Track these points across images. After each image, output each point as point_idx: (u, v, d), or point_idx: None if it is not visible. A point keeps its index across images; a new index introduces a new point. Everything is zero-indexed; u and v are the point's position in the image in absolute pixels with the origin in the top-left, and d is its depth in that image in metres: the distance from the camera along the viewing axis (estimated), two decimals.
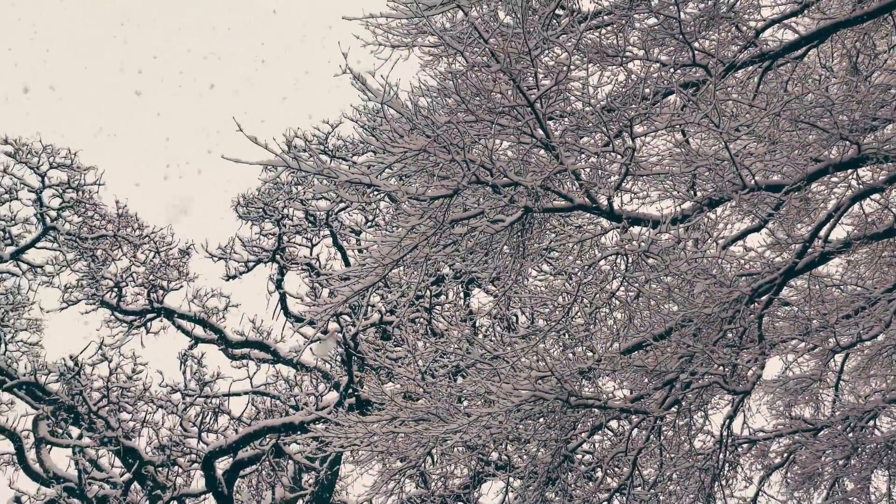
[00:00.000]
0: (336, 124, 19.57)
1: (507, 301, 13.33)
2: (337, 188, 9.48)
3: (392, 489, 10.82)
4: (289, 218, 19.30)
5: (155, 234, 19.37)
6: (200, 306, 19.19)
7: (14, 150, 17.89)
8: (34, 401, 17.87)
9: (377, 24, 9.83)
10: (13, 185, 18.10)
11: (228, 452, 17.42)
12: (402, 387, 12.50)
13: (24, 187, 18.19)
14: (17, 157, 17.99)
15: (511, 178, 8.24)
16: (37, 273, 18.68)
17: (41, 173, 18.16)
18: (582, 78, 8.86)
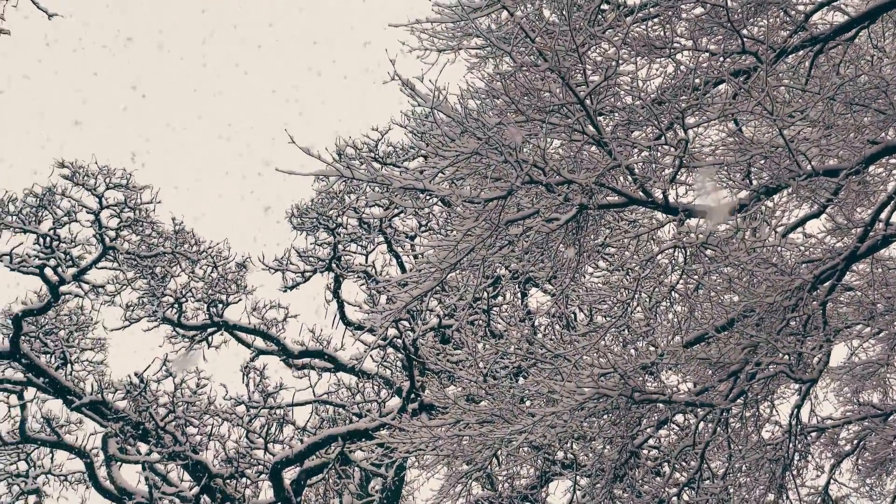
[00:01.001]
0: (385, 131, 19.64)
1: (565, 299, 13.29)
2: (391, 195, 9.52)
3: (459, 492, 10.83)
4: (343, 226, 19.39)
5: (212, 248, 19.56)
6: (260, 318, 19.37)
7: (71, 172, 18.15)
8: (102, 419, 18.12)
9: (422, 29, 9.86)
10: (72, 208, 18.36)
11: (295, 462, 17.55)
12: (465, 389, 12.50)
13: (83, 209, 18.45)
14: (74, 180, 18.25)
15: (564, 177, 8.22)
16: (99, 293, 18.94)
17: (98, 194, 18.40)
18: (631, 72, 8.82)
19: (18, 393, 18.85)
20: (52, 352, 18.80)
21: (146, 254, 18.92)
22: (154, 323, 19.17)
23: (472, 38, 9.98)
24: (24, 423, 18.73)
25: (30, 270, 17.86)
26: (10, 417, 19.10)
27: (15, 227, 17.79)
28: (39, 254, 17.95)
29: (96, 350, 19.51)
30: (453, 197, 8.78)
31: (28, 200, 18.05)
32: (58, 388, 18.22)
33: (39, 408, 19.03)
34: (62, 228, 18.30)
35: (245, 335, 19.57)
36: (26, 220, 17.97)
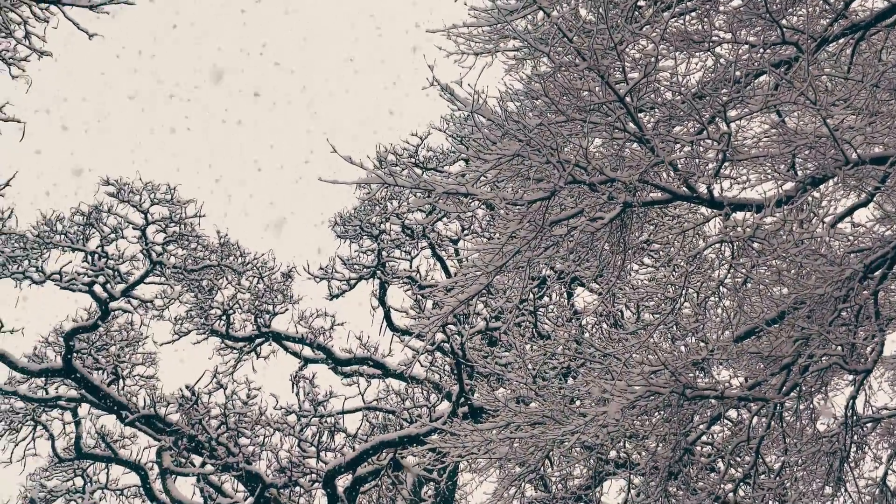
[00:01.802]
0: (425, 136, 19.69)
1: (611, 297, 13.24)
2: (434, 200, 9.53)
3: (513, 495, 10.82)
4: (386, 233, 19.44)
5: (257, 260, 19.68)
6: (307, 327, 19.46)
7: (116, 189, 18.34)
8: (155, 433, 18.29)
9: (458, 34, 9.87)
10: (118, 224, 18.55)
11: (348, 469, 17.61)
12: (514, 391, 12.49)
13: (129, 225, 18.63)
14: (120, 197, 18.44)
15: (607, 175, 8.19)
16: (148, 308, 19.12)
17: (144, 210, 18.58)
18: (670, 67, 8.77)
19: (73, 410, 19.09)
20: (103, 368, 18.99)
21: (193, 267, 19.07)
22: (203, 336, 19.32)
23: (509, 41, 9.98)
24: (79, 439, 18.96)
25: (79, 288, 18.07)
26: (65, 434, 19.35)
27: (63, 246, 18.00)
28: (88, 271, 18.14)
29: (147, 364, 19.70)
30: (496, 200, 8.77)
31: (75, 219, 18.26)
32: (111, 403, 18.41)
33: (94, 424, 19.29)
34: (109, 245, 18.49)
35: (293, 345, 19.68)
36: (74, 238, 18.18)
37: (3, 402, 18.86)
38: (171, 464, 18.10)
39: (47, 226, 17.97)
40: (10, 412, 18.91)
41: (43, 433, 19.14)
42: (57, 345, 18.73)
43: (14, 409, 18.96)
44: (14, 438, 18.85)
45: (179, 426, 17.89)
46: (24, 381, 18.78)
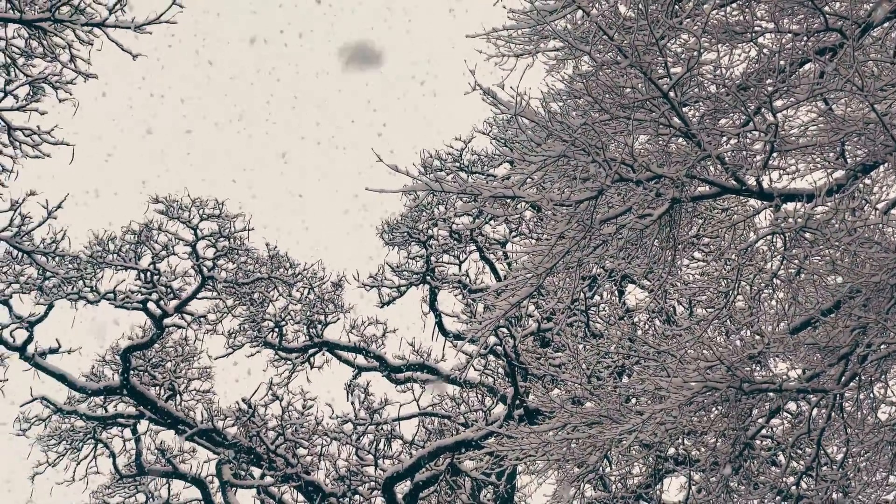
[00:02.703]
0: (468, 139, 19.71)
1: (663, 294, 13.17)
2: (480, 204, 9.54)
3: (573, 495, 10.79)
4: (434, 238, 19.48)
5: (307, 270, 19.78)
6: (359, 336, 19.53)
7: (165, 206, 18.52)
8: (214, 446, 18.45)
9: (498, 36, 9.88)
10: (169, 241, 18.73)
11: (406, 476, 17.66)
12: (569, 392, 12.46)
13: (179, 242, 18.80)
14: (169, 214, 18.62)
15: (654, 172, 8.16)
16: (201, 323, 19.27)
17: (193, 226, 18.74)
18: (713, 60, 8.72)
19: (132, 426, 19.30)
20: (160, 384, 19.20)
21: (244, 281, 19.20)
22: (256, 348, 19.45)
23: (549, 41, 9.97)
24: (139, 455, 19.16)
25: (133, 306, 18.26)
26: (125, 451, 19.57)
27: (116, 266, 18.21)
28: (141, 289, 18.33)
29: (203, 379, 19.87)
30: (543, 201, 8.76)
31: (126, 238, 18.45)
32: (169, 419, 18.60)
33: (153, 440, 19.48)
34: (161, 262, 18.66)
35: (346, 353, 19.76)
36: (126, 257, 18.38)
37: (64, 421, 19.10)
38: (230, 477, 18.25)
39: (100, 246, 18.18)
40: (71, 431, 19.16)
41: (104, 451, 19.37)
42: (114, 363, 18.95)
43: (75, 428, 19.20)
44: (76, 457, 19.10)
45: (237, 439, 18.03)
46: (83, 400, 19.03)
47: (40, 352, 17.75)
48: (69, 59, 13.12)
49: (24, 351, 17.50)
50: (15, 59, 12.99)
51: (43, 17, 12.29)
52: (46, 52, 13.16)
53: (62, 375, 18.12)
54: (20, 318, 17.30)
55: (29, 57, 13.15)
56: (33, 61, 13.21)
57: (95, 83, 13.18)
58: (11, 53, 12.97)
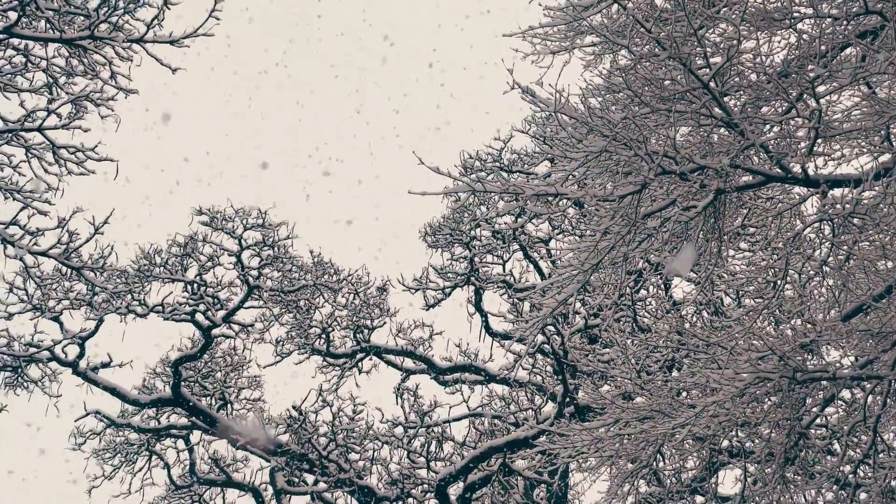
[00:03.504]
0: (507, 139, 19.69)
1: (710, 285, 13.08)
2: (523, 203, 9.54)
3: (627, 491, 10.74)
4: (477, 239, 19.47)
5: (351, 276, 19.84)
6: (406, 339, 19.57)
7: (209, 218, 18.65)
8: (267, 454, 18.56)
9: (534, 34, 9.87)
10: (214, 253, 18.86)
11: (458, 477, 17.67)
12: (619, 388, 12.40)
13: (224, 252, 18.93)
14: (213, 225, 18.75)
15: (697, 163, 8.11)
16: (249, 332, 19.40)
17: (237, 236, 18.86)
18: (752, 48, 8.65)
19: (185, 437, 19.48)
20: (211, 394, 19.35)
21: (289, 289, 19.30)
22: (304, 355, 19.54)
23: (585, 37, 9.94)
24: (193, 465, 19.33)
25: (182, 318, 18.41)
26: (179, 462, 19.74)
27: (163, 278, 18.37)
28: (189, 301, 18.48)
29: (253, 388, 20.01)
30: (586, 197, 8.74)
31: (172, 250, 18.61)
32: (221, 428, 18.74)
33: (206, 449, 19.64)
34: (207, 273, 18.80)
35: (393, 357, 19.81)
36: (173, 269, 18.54)
37: (119, 434, 19.31)
38: (284, 484, 18.35)
39: (146, 259, 18.35)
40: (125, 444, 19.37)
41: (158, 462, 19.56)
42: (165, 375, 19.13)
43: (129, 440, 19.41)
44: (131, 469, 19.30)
45: (289, 446, 18.13)
46: (136, 413, 19.23)
47: (92, 366, 17.95)
48: (110, 76, 13.27)
49: (77, 366, 17.70)
50: (56, 79, 13.14)
51: (83, 36, 12.42)
52: (87, 70, 13.30)
53: (114, 389, 18.31)
54: (71, 334, 17.50)
55: (70, 75, 13.30)
56: (74, 79, 13.36)
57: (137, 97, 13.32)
58: (53, 73, 13.13)
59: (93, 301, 17.36)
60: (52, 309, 17.02)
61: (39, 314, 16.75)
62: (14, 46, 12.83)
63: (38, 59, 12.99)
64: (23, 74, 12.79)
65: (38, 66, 13.02)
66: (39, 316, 16.80)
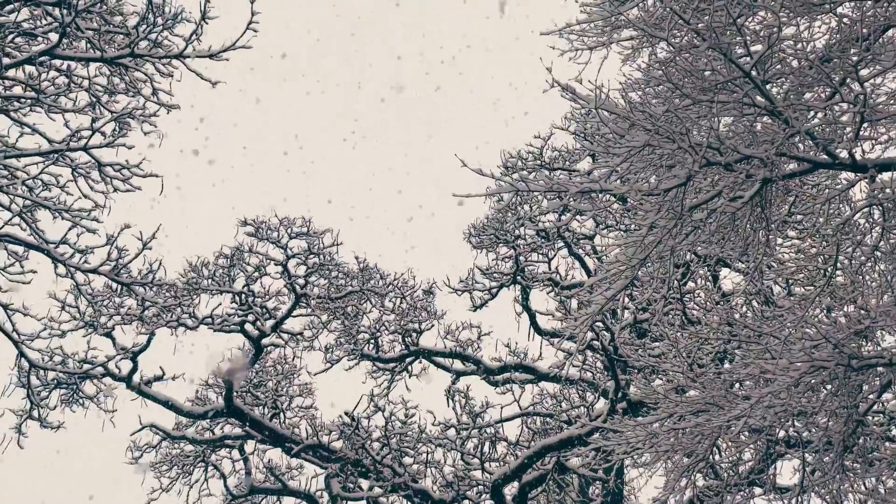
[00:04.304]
0: (548, 136, 19.65)
1: (759, 275, 12.97)
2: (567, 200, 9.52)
3: (685, 486, 10.67)
4: (521, 238, 19.44)
5: (397, 280, 19.88)
6: (454, 341, 19.57)
7: (254, 228, 18.77)
8: (321, 461, 18.64)
9: (571, 31, 9.84)
10: (260, 263, 18.98)
11: (513, 478, 17.65)
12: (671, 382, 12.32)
13: (271, 262, 19.03)
14: (258, 235, 18.87)
15: (742, 153, 8.06)
16: (298, 340, 19.50)
17: (283, 246, 18.96)
18: (793, 35, 8.57)
19: (239, 447, 19.60)
20: (263, 403, 19.47)
21: (336, 295, 19.37)
22: (354, 361, 19.61)
23: (622, 31, 9.90)
24: (248, 475, 19.45)
25: (231, 329, 18.54)
26: (235, 472, 19.87)
27: (212, 290, 18.51)
28: (238, 311, 18.60)
29: (304, 395, 20.09)
30: (631, 193, 8.70)
31: (219, 262, 18.74)
32: (275, 437, 18.84)
33: (261, 458, 19.76)
34: (254, 284, 18.91)
35: (443, 359, 19.81)
36: (220, 281, 18.67)
37: (174, 446, 19.48)
38: (340, 490, 18.41)
39: (194, 272, 18.50)
40: (181, 456, 19.52)
41: (214, 473, 19.69)
42: (217, 386, 19.26)
43: (185, 452, 19.57)
44: (188, 481, 19.44)
45: (343, 452, 18.20)
46: (190, 425, 19.38)
47: (146, 380, 18.13)
48: (151, 93, 13.41)
49: (130, 381, 17.88)
50: (99, 97, 13.30)
51: (123, 54, 12.57)
52: (128, 88, 13.46)
53: (168, 402, 18.48)
54: (124, 349, 17.68)
55: (112, 94, 13.47)
56: (116, 97, 13.52)
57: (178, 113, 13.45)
58: (95, 92, 13.29)
59: (143, 316, 17.53)
60: (104, 325, 17.21)
61: (92, 331, 16.95)
62: (56, 68, 13.01)
63: (80, 79, 13.17)
64: (66, 95, 12.96)
65: (81, 86, 13.19)
66: (92, 333, 16.99)
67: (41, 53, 12.23)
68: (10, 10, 12.54)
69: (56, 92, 12.65)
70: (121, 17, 13.05)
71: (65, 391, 17.43)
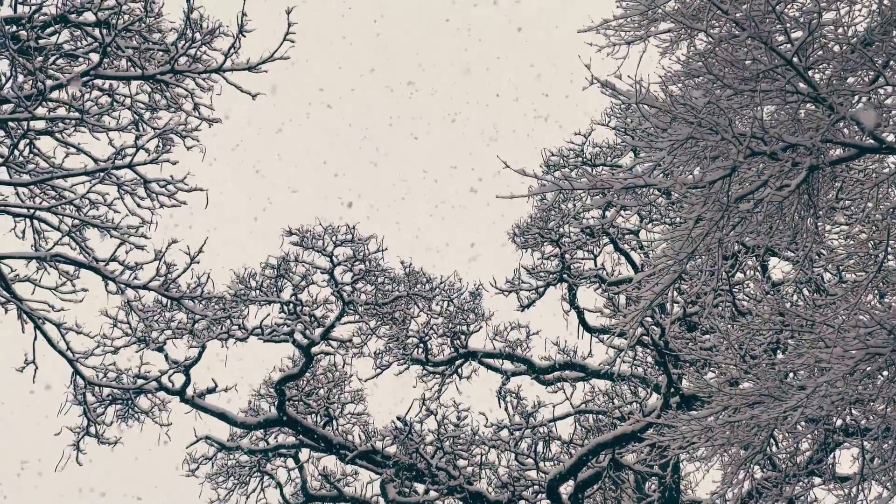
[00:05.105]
0: (588, 133, 19.59)
1: (809, 263, 12.85)
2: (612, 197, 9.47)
3: (743, 478, 10.59)
4: (566, 236, 19.38)
5: (444, 283, 19.89)
6: (503, 341, 19.55)
7: (300, 238, 18.86)
8: (376, 466, 18.70)
9: (608, 26, 9.81)
10: (307, 272, 19.06)
11: (569, 476, 17.60)
12: (723, 374, 12.23)
13: (317, 270, 19.11)
14: (304, 245, 18.95)
15: (788, 141, 7.98)
16: (347, 347, 19.56)
17: (328, 254, 19.03)
18: (834, 20, 8.49)
19: (294, 455, 19.72)
20: (316, 411, 19.56)
21: (383, 301, 19.41)
22: (404, 366, 19.63)
23: (660, 24, 9.85)
24: (304, 483, 19.56)
25: (281, 339, 18.65)
26: (290, 480, 19.99)
27: (260, 301, 18.62)
28: (286, 321, 18.70)
29: (356, 402, 20.17)
30: (676, 186, 8.65)
31: (266, 273, 18.85)
32: (328, 444, 18.93)
33: (315, 466, 19.86)
34: (302, 293, 19.00)
35: (492, 360, 19.80)
36: (268, 291, 18.78)
37: (230, 457, 19.62)
38: (395, 495, 18.47)
39: (242, 284, 18.62)
40: (237, 466, 19.67)
41: (270, 482, 19.82)
42: (269, 396, 19.38)
43: (240, 463, 19.71)
44: (245, 491, 19.59)
45: (398, 457, 18.25)
46: (245, 435, 19.52)
47: (199, 393, 18.29)
48: (192, 108, 13.52)
49: (184, 394, 18.05)
50: (142, 115, 13.43)
51: (163, 71, 12.68)
52: (170, 104, 13.58)
53: (222, 413, 18.63)
54: (176, 363, 17.85)
55: (154, 110, 13.59)
56: (158, 114, 13.64)
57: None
58: (138, 109, 13.42)
59: (194, 329, 17.68)
60: (156, 340, 17.39)
61: (144, 346, 17.13)
62: (99, 87, 13.16)
63: (122, 98, 13.30)
64: (109, 113, 13.08)
65: (123, 104, 13.32)
66: (144, 348, 17.18)
67: (83, 74, 12.36)
68: (51, 33, 12.70)
69: (99, 111, 12.77)
70: (159, 34, 13.17)
71: (120, 407, 17.64)
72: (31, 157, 13.16)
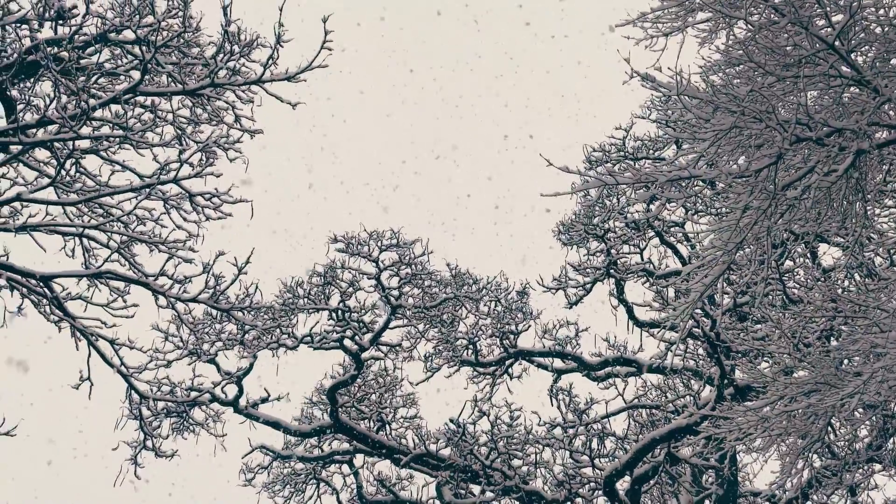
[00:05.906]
0: (628, 127, 19.49)
1: (859, 248, 12.69)
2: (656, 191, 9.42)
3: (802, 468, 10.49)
4: (612, 231, 19.30)
5: (490, 283, 19.87)
6: (552, 339, 19.50)
7: (345, 245, 18.92)
8: (430, 469, 18.71)
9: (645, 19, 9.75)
10: (353, 278, 19.12)
11: (624, 472, 17.51)
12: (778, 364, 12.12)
13: (364, 276, 19.17)
14: (349, 251, 19.02)
15: (833, 126, 7.89)
16: (397, 351, 19.60)
17: (374, 259, 19.08)
18: (875, 1, 8.38)
19: (348, 462, 19.79)
20: (368, 416, 19.61)
21: (431, 304, 19.42)
22: (454, 367, 19.64)
23: (697, 14, 9.77)
24: (360, 489, 19.62)
25: (331, 346, 18.72)
26: (346, 486, 20.06)
27: (308, 309, 18.70)
28: (335, 328, 18.77)
29: (408, 406, 20.18)
30: (721, 177, 8.59)
31: (313, 280, 18.93)
32: (383, 449, 18.97)
33: (370, 471, 19.91)
34: (350, 299, 19.06)
35: (542, 359, 19.75)
36: (316, 299, 18.85)
37: (285, 466, 19.73)
38: (451, 497, 18.47)
39: (290, 293, 18.71)
40: (292, 474, 19.77)
41: (326, 489, 19.90)
42: (322, 403, 19.46)
43: (295, 471, 19.80)
44: (301, 499, 19.69)
45: (452, 459, 18.24)
46: (299, 443, 19.62)
47: (252, 403, 18.40)
48: (234, 120, 13.62)
49: (237, 404, 18.18)
50: (184, 129, 13.54)
51: (204, 85, 12.77)
52: (211, 117, 13.68)
53: (276, 422, 18.74)
54: (228, 374, 17.98)
55: (196, 124, 13.70)
56: (200, 127, 13.75)
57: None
58: (180, 124, 13.53)
59: (244, 340, 17.80)
60: (208, 352, 17.52)
61: (196, 358, 17.27)
62: (141, 104, 13.28)
63: (164, 113, 13.42)
64: (152, 129, 13.21)
65: (166, 120, 13.44)
66: (196, 360, 17.31)
67: (125, 92, 12.49)
68: (92, 53, 12.84)
69: (143, 128, 12.90)
70: (198, 49, 13.27)
71: (175, 419, 17.78)
72: (77, 176, 13.33)
